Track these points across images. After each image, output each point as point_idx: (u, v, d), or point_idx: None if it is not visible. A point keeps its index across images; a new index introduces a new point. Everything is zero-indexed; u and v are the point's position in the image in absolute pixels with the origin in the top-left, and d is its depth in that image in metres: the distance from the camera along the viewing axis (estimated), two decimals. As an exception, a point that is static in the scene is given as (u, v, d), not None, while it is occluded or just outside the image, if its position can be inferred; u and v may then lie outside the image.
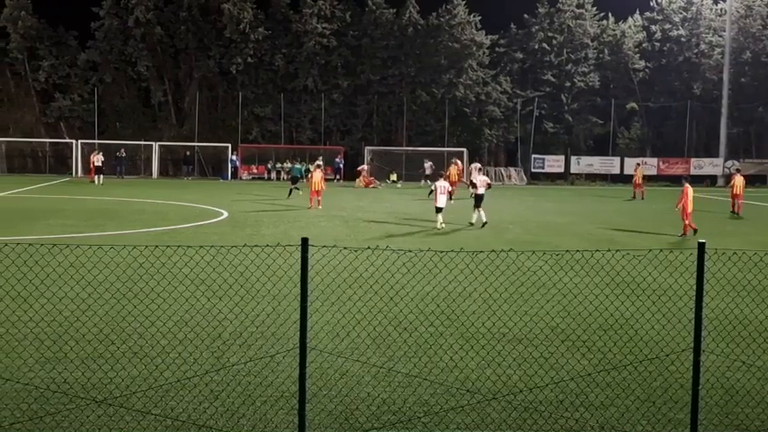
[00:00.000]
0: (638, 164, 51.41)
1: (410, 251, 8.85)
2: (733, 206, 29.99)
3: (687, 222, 21.90)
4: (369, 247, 7.00)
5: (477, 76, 62.25)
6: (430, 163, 49.93)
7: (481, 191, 24.14)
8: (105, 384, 7.18)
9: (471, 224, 23.47)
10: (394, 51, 61.40)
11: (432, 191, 23.96)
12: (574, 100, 64.27)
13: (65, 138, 58.21)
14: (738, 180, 30.21)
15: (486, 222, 23.11)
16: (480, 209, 23.60)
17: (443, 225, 22.32)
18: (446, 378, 7.63)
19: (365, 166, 47.93)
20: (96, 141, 57.83)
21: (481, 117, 62.66)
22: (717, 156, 60.99)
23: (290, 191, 35.45)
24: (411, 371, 7.82)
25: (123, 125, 61.04)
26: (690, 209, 21.91)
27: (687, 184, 22.56)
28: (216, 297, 10.67)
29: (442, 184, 23.28)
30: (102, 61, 60.53)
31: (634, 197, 40.34)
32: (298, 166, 40.82)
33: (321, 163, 35.91)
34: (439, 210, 22.64)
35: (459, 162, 42.03)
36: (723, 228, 24.68)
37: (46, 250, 7.46)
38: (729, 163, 60.10)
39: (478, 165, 41.98)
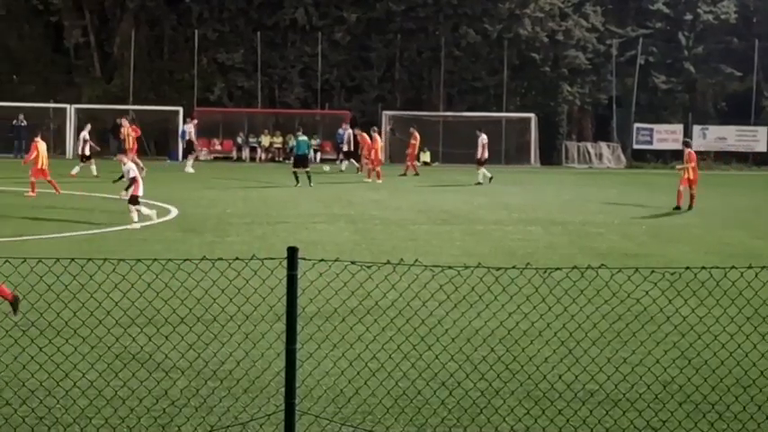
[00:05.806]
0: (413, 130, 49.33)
1: (451, 267, 8.82)
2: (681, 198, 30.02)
3: None
4: (388, 262, 7.00)
5: (552, 5, 62.09)
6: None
7: None
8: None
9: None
10: (427, -32, 61.47)
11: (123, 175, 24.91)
12: (698, 41, 63.92)
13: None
14: (691, 157, 30.61)
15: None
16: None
17: (138, 224, 22.77)
18: (504, 458, 7.62)
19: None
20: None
21: (557, 67, 62.52)
22: None
23: (296, 176, 36.84)
24: (452, 447, 7.82)
25: (23, 79, 61.29)
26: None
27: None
28: (160, 336, 10.70)
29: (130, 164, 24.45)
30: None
31: (405, 174, 45.36)
32: (303, 138, 40.52)
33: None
34: (135, 200, 23.31)
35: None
36: None
37: None
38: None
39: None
